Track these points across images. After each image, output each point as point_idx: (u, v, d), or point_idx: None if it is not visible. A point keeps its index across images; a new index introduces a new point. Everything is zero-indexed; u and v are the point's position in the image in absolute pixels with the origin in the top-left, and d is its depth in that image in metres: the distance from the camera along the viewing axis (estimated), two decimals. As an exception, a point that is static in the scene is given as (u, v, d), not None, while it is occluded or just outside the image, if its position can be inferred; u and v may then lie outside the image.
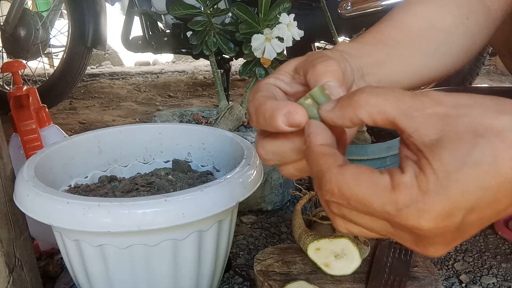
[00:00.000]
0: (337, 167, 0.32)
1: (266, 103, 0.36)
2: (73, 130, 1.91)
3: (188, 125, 0.94)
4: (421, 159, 0.30)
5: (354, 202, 0.31)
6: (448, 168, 0.29)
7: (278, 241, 1.02)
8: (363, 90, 0.33)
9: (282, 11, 1.06)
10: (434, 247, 0.32)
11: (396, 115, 0.31)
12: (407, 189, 0.30)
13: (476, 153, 0.29)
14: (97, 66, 3.56)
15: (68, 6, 2.09)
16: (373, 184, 0.31)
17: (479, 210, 0.30)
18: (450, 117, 0.30)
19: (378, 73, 0.48)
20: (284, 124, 0.34)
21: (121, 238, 0.62)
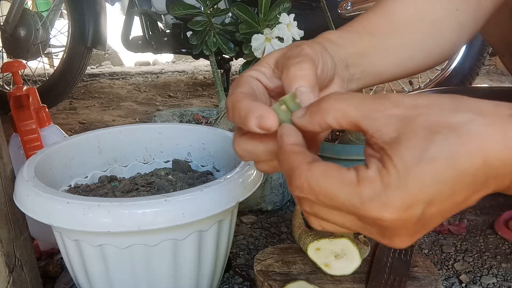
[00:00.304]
0: (306, 163, 0.34)
1: (242, 102, 0.38)
2: (73, 130, 1.91)
3: (188, 125, 0.94)
4: (383, 156, 0.32)
5: (323, 197, 0.33)
6: (407, 163, 0.31)
7: (278, 241, 1.02)
8: (329, 96, 0.35)
9: (282, 11, 1.06)
10: (398, 238, 0.34)
11: (359, 118, 0.33)
12: (371, 183, 0.32)
13: (432, 149, 0.31)
14: (97, 66, 3.56)
15: (68, 6, 2.09)
16: (339, 179, 0.33)
17: (438, 203, 0.32)
18: (408, 117, 0.32)
19: (363, 63, 0.50)
20: (256, 126, 0.37)
21: (121, 238, 0.62)
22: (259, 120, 0.36)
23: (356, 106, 0.33)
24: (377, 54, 0.51)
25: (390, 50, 0.52)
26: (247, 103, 0.38)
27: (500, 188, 0.33)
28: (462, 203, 0.33)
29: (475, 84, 1.97)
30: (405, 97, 0.33)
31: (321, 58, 0.43)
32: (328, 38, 0.48)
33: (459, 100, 0.33)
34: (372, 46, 0.51)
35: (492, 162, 0.31)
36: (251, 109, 0.37)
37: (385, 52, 0.52)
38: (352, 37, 0.50)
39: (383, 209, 0.32)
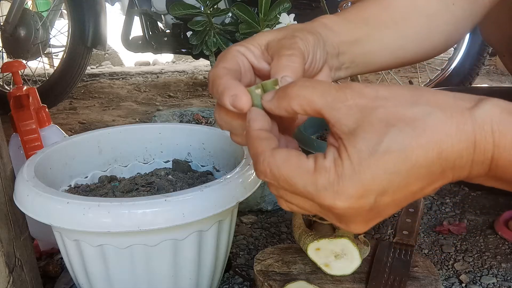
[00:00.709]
0: (270, 150, 0.35)
1: (222, 78, 0.40)
2: (73, 130, 1.91)
3: (188, 125, 0.94)
4: (340, 146, 0.34)
5: (283, 182, 0.35)
6: (360, 155, 0.32)
7: (278, 241, 1.02)
8: (295, 83, 0.36)
9: (282, 11, 1.06)
10: (354, 224, 0.35)
11: (323, 107, 0.34)
12: (326, 172, 0.33)
13: (386, 141, 0.32)
14: (97, 66, 3.56)
15: (68, 6, 2.09)
16: (298, 166, 0.34)
17: (391, 193, 0.33)
18: (368, 108, 0.33)
19: (354, 52, 0.51)
20: (230, 104, 0.38)
21: (121, 238, 0.62)
22: (233, 99, 0.38)
23: (320, 94, 0.34)
24: (370, 43, 0.52)
25: (383, 40, 0.53)
26: (225, 81, 0.39)
27: (459, 178, 0.34)
28: (417, 193, 0.34)
29: (475, 84, 1.97)
30: (367, 88, 0.34)
31: (311, 52, 0.44)
32: (324, 23, 0.49)
33: (419, 92, 0.34)
34: (366, 35, 0.51)
35: (447, 154, 0.32)
36: (228, 87, 0.39)
37: (378, 41, 0.52)
38: (347, 25, 0.51)
39: (335, 198, 0.33)
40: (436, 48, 0.57)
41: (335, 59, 0.49)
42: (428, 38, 0.55)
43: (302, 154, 0.35)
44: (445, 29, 0.56)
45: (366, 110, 0.33)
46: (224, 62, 0.42)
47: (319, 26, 0.48)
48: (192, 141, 0.90)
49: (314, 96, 0.35)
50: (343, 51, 0.49)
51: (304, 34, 0.44)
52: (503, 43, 0.81)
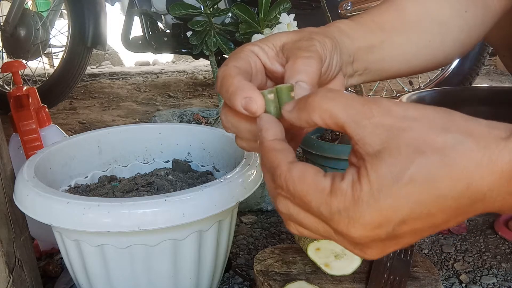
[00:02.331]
0: (287, 163, 0.34)
1: (234, 78, 0.37)
2: (73, 130, 1.91)
3: (188, 125, 0.94)
4: (361, 168, 0.31)
5: (298, 199, 0.33)
6: (383, 181, 0.30)
7: (278, 241, 1.02)
8: (316, 94, 0.34)
9: (282, 11, 1.06)
10: (370, 251, 0.33)
11: (346, 121, 0.32)
12: (342, 196, 0.31)
13: (412, 169, 0.29)
14: (97, 66, 3.56)
15: (68, 6, 2.09)
16: (314, 184, 0.32)
17: (411, 222, 0.31)
18: (395, 129, 0.30)
19: (367, 59, 0.49)
20: (242, 107, 0.36)
21: (121, 238, 0.62)
22: (246, 101, 0.36)
23: (343, 108, 0.32)
24: (384, 50, 0.50)
25: (397, 47, 0.51)
26: (238, 81, 0.37)
27: (490, 210, 0.32)
28: (441, 225, 0.32)
29: (475, 84, 1.97)
30: (395, 106, 0.32)
31: (328, 57, 0.42)
32: (340, 28, 0.47)
33: (451, 117, 0.31)
34: (381, 41, 0.50)
35: (477, 187, 0.30)
36: (241, 88, 0.36)
37: (392, 48, 0.51)
38: (363, 30, 0.49)
39: (349, 224, 0.31)
40: (448, 56, 0.56)
41: (350, 66, 0.48)
42: (441, 45, 0.54)
43: (319, 171, 0.33)
44: (457, 37, 0.55)
45: (393, 131, 0.30)
46: (236, 61, 0.40)
47: (335, 31, 0.47)
48: (192, 141, 0.90)
49: (337, 109, 0.32)
50: (357, 58, 0.48)
51: (322, 37, 0.42)
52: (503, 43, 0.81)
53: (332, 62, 0.43)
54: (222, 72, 0.39)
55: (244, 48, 0.42)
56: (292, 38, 0.42)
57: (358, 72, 0.50)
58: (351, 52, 0.47)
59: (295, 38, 0.42)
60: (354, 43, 0.47)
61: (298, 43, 0.41)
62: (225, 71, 0.39)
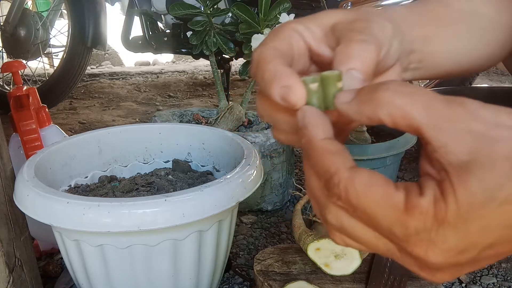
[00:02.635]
0: (347, 169, 0.29)
1: (271, 62, 0.32)
2: (73, 130, 1.91)
3: (188, 125, 0.94)
4: (444, 182, 0.26)
5: (361, 213, 0.28)
6: (473, 200, 0.25)
7: (278, 241, 1.02)
8: (387, 87, 0.28)
9: (282, 11, 1.06)
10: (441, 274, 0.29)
11: (424, 124, 0.27)
12: (421, 215, 0.26)
13: (510, 188, 0.25)
14: (97, 66, 3.56)
15: (68, 6, 2.09)
16: (385, 200, 0.27)
17: (497, 247, 0.27)
18: (487, 138, 0.26)
19: (423, 50, 0.43)
20: (279, 97, 0.31)
21: (121, 238, 0.62)
22: (284, 91, 0.30)
23: (422, 108, 0.27)
24: (439, 42, 0.45)
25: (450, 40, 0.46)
26: (275, 66, 0.32)
27: None
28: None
29: (475, 84, 1.97)
30: (484, 109, 0.27)
31: (387, 44, 0.35)
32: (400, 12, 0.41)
33: None
34: (435, 32, 0.45)
35: None
36: (278, 75, 0.31)
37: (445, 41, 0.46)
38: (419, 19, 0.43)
39: (429, 248, 0.27)
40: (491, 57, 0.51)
41: (406, 57, 0.41)
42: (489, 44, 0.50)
43: (389, 181, 0.28)
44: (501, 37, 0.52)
45: (484, 140, 0.26)
46: (275, 41, 0.34)
47: (394, 14, 0.40)
48: (192, 141, 0.90)
49: (413, 108, 0.27)
50: (414, 48, 0.42)
51: (381, 19, 0.36)
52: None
53: (390, 50, 0.36)
54: (258, 55, 0.33)
55: (287, 26, 0.36)
56: (346, 17, 0.36)
57: (412, 65, 0.44)
58: (409, 41, 0.41)
59: (350, 18, 0.36)
60: (413, 29, 0.41)
61: (353, 24, 0.34)
62: (261, 54, 0.33)
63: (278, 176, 1.11)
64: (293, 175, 1.19)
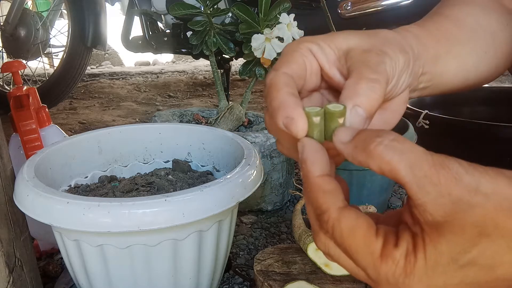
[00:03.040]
0: (336, 209, 0.31)
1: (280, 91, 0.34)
2: (73, 130, 1.91)
3: (188, 125, 0.94)
4: (417, 237, 0.30)
5: (344, 249, 0.32)
6: (439, 259, 0.28)
7: (278, 241, 1.02)
8: (380, 142, 0.30)
9: (282, 11, 1.06)
10: None
11: (408, 182, 0.29)
12: (393, 264, 0.30)
13: (474, 253, 0.28)
14: (97, 66, 3.56)
15: (68, 6, 2.09)
16: (364, 244, 0.30)
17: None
18: (463, 203, 0.28)
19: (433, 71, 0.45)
20: (282, 125, 0.33)
21: (121, 238, 0.62)
22: (288, 121, 0.33)
23: (409, 166, 0.29)
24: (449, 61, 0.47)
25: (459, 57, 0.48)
26: (282, 96, 0.34)
27: None
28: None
29: (475, 84, 1.96)
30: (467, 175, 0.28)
31: (396, 78, 0.37)
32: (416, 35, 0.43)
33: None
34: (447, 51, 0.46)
35: None
36: (284, 105, 0.33)
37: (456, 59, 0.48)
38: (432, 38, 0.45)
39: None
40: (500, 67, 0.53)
41: (416, 80, 0.43)
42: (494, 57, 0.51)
43: (371, 226, 0.31)
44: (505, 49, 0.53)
45: (460, 204, 0.28)
46: (288, 65, 0.36)
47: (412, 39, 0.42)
48: (192, 141, 0.90)
49: (401, 165, 0.29)
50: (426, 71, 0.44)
51: (395, 52, 0.37)
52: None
53: (399, 81, 0.38)
54: (270, 80, 0.35)
55: (302, 45, 0.37)
56: (361, 45, 0.37)
57: (421, 85, 0.46)
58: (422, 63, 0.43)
59: (365, 46, 0.37)
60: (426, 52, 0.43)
61: (367, 56, 0.36)
62: (273, 79, 0.35)
63: (278, 176, 1.11)
64: (293, 175, 1.19)
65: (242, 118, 1.20)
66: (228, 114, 1.18)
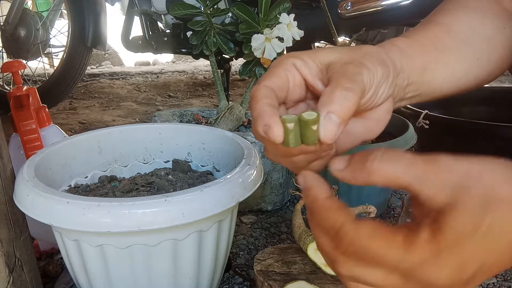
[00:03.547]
0: (352, 222, 0.34)
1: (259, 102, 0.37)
2: (73, 130, 1.91)
3: (188, 125, 0.94)
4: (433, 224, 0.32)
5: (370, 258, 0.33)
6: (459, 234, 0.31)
7: (278, 241, 1.02)
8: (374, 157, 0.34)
9: (282, 11, 1.06)
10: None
11: (411, 182, 0.33)
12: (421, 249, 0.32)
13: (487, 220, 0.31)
14: (97, 66, 3.56)
15: (68, 6, 2.09)
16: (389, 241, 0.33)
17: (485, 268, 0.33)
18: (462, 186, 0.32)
19: (420, 81, 0.48)
20: (262, 132, 0.36)
21: (121, 238, 0.62)
22: (266, 129, 0.36)
23: (405, 169, 0.33)
24: (437, 70, 0.49)
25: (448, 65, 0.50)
26: (261, 107, 0.37)
27: None
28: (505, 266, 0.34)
29: (475, 84, 1.96)
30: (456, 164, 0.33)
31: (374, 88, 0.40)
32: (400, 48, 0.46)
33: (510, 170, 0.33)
34: (435, 60, 0.49)
35: None
36: (262, 114, 0.36)
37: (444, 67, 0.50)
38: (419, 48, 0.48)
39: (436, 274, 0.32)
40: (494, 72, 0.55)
41: (402, 90, 0.46)
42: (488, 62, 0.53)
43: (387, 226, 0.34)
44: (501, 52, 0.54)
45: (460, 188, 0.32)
46: (269, 79, 0.40)
47: (396, 52, 0.45)
48: (192, 141, 0.90)
49: (399, 172, 0.33)
50: (411, 81, 0.46)
51: (374, 64, 0.40)
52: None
53: (377, 92, 0.41)
54: (252, 93, 0.39)
55: (286, 60, 0.41)
56: (342, 58, 0.40)
57: (408, 94, 0.48)
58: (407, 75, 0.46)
59: (345, 59, 0.40)
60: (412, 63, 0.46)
61: (346, 67, 0.39)
62: (254, 93, 0.39)
63: (278, 176, 1.11)
64: (293, 175, 1.19)
65: (242, 118, 1.20)
66: (228, 114, 1.18)
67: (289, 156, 0.39)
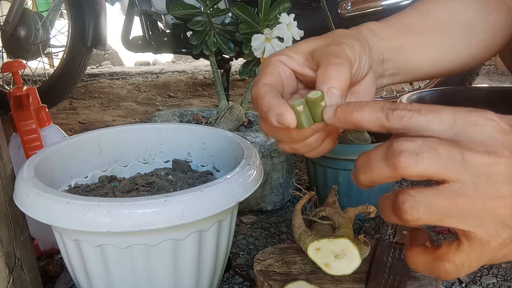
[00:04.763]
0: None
1: (265, 97, 0.40)
2: (73, 130, 1.91)
3: (188, 125, 0.94)
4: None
5: None
6: None
7: (278, 241, 1.02)
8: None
9: (282, 11, 1.06)
10: None
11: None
12: None
13: None
14: (97, 66, 3.56)
15: (68, 6, 2.09)
16: None
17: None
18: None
19: (397, 59, 0.51)
20: (276, 122, 0.39)
21: (121, 238, 0.62)
22: (279, 118, 0.38)
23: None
24: (412, 50, 0.52)
25: (425, 47, 0.53)
26: (268, 100, 0.40)
27: None
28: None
29: (475, 84, 1.96)
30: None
31: (358, 60, 0.44)
32: (369, 29, 0.50)
33: None
34: (409, 42, 0.52)
35: None
36: (271, 106, 0.39)
37: (420, 48, 0.53)
38: (391, 31, 0.51)
39: None
40: (476, 57, 0.58)
41: (380, 65, 0.50)
42: (467, 46, 0.56)
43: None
44: (483, 38, 0.57)
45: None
46: (264, 78, 0.43)
47: (365, 31, 0.49)
48: (192, 141, 0.90)
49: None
50: (387, 58, 0.50)
51: (350, 40, 0.44)
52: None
53: (361, 63, 0.44)
54: (254, 93, 0.42)
55: (272, 59, 0.44)
56: (321, 43, 0.44)
57: (388, 72, 0.51)
58: (380, 51, 0.49)
59: (325, 43, 0.44)
60: (383, 42, 0.49)
61: (328, 48, 0.43)
62: (256, 92, 0.41)
63: (278, 176, 1.11)
64: (293, 175, 1.19)
65: (242, 118, 1.20)
66: (228, 114, 1.18)
67: (304, 139, 0.42)
